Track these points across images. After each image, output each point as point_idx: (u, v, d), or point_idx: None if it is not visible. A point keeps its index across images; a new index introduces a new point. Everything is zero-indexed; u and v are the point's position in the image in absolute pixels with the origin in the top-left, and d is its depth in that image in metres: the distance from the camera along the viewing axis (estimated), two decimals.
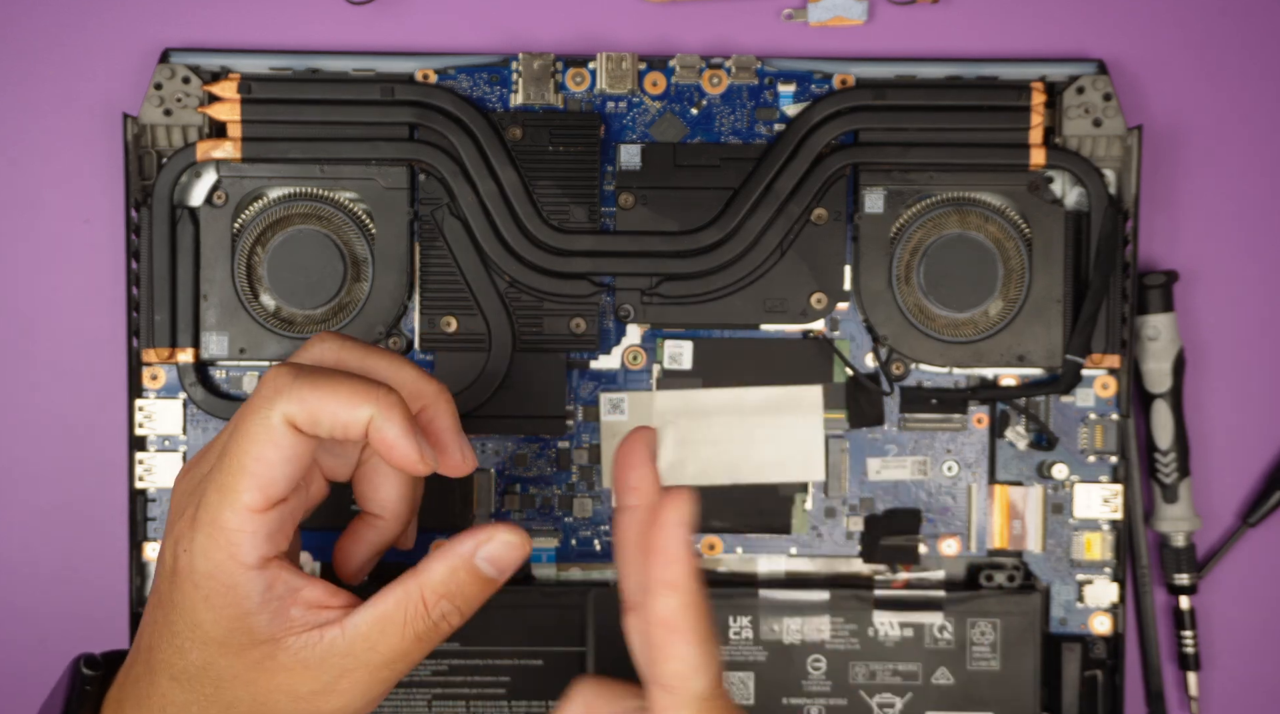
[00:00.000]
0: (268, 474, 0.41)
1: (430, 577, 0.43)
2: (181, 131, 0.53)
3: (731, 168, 0.54)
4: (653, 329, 0.54)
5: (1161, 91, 0.56)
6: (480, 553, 0.43)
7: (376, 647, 0.42)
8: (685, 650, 0.40)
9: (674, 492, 0.41)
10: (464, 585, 0.43)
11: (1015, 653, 0.54)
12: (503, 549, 0.43)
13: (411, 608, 0.43)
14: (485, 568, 0.43)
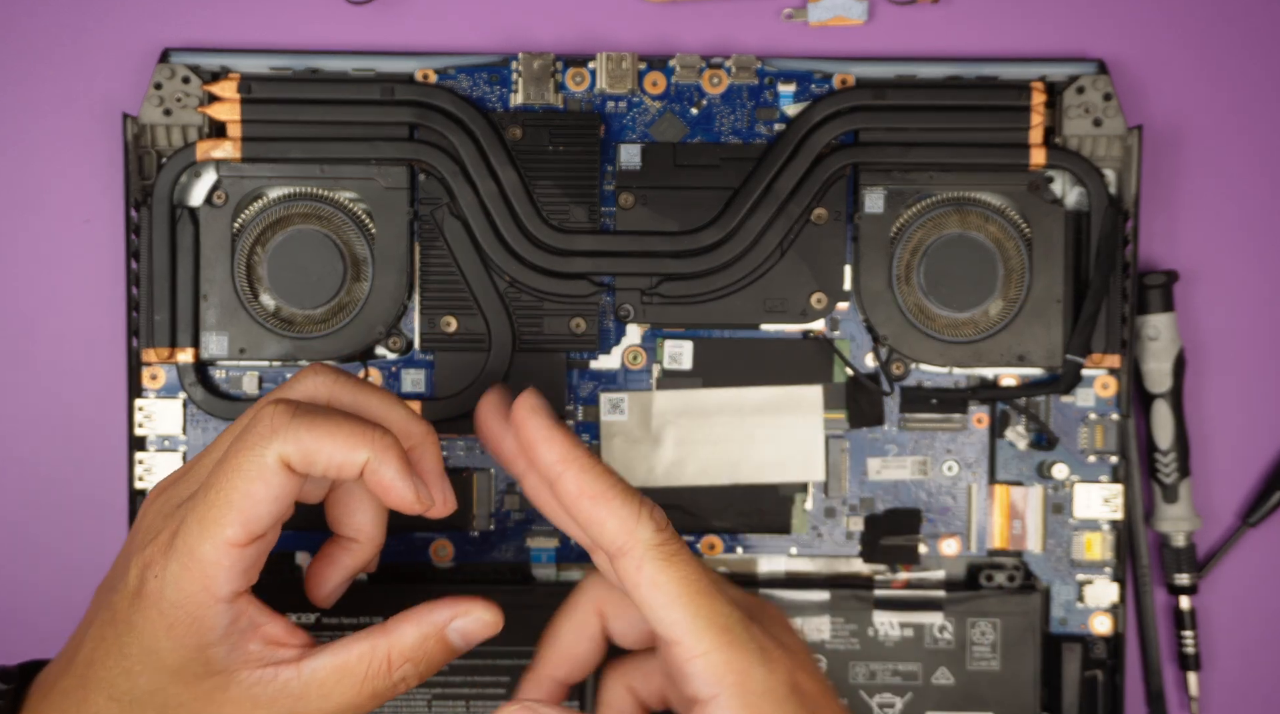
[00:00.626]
0: (253, 510, 0.41)
1: (400, 639, 0.43)
2: (181, 131, 0.53)
3: (731, 168, 0.54)
4: (653, 329, 0.54)
5: (1161, 91, 0.56)
6: (455, 625, 0.44)
7: (330, 695, 0.42)
8: (610, 508, 0.41)
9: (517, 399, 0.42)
10: (431, 653, 0.43)
11: (1015, 653, 0.54)
12: (477, 626, 0.44)
13: (375, 665, 0.43)
14: (456, 640, 0.44)
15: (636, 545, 0.41)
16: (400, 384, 0.54)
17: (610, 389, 0.54)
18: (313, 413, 0.42)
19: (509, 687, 0.53)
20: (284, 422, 0.41)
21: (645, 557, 0.41)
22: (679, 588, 0.41)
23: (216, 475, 0.41)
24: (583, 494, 0.41)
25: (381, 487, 0.42)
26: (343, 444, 0.42)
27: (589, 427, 0.54)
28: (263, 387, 0.54)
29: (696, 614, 0.41)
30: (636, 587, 0.41)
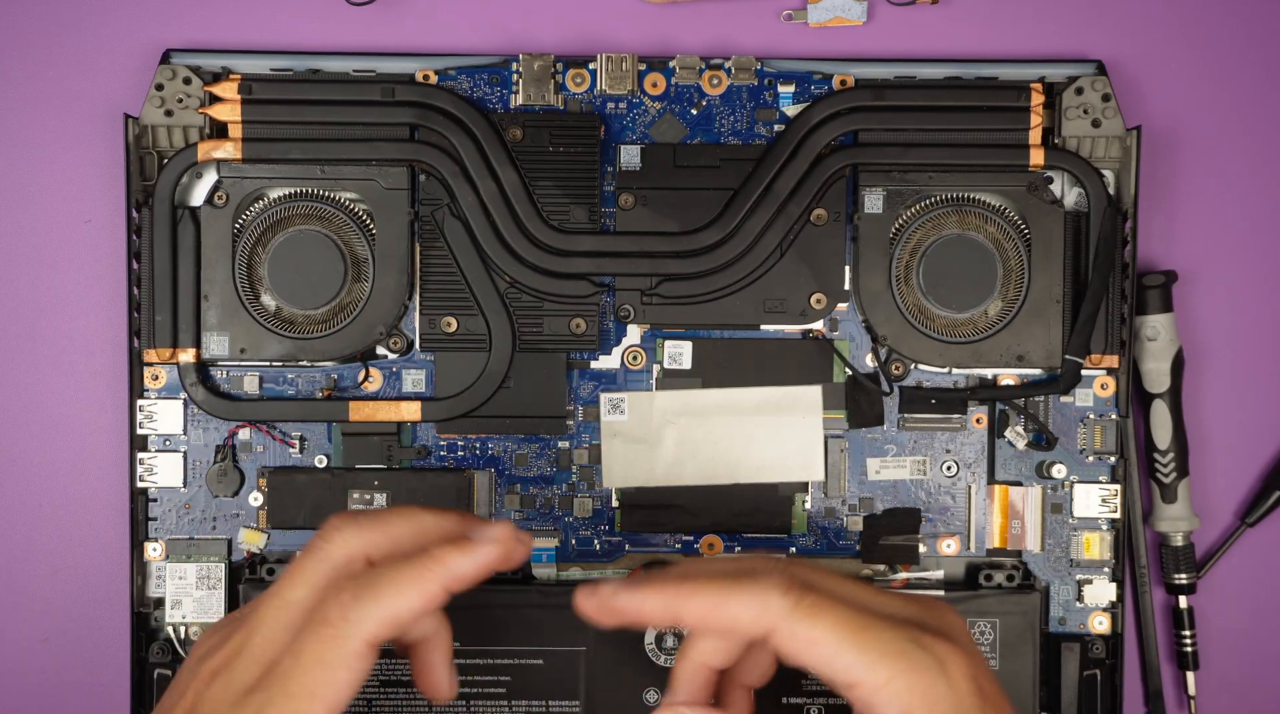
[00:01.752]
0: (338, 697, 0.41)
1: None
2: (182, 132, 0.53)
3: (731, 168, 0.54)
4: (653, 329, 0.54)
5: (1160, 92, 0.56)
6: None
7: None
8: (736, 606, 0.41)
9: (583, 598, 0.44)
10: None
11: (1014, 652, 0.54)
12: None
13: None
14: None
15: (778, 619, 0.41)
16: (401, 384, 0.54)
17: (610, 389, 0.55)
18: (376, 581, 0.42)
19: (509, 686, 0.53)
20: (353, 603, 0.42)
21: (792, 625, 0.41)
22: (837, 635, 0.41)
23: (295, 667, 0.41)
24: (707, 615, 0.42)
25: (470, 579, 0.43)
26: (415, 592, 0.42)
27: (589, 427, 0.54)
28: (263, 386, 0.54)
29: (865, 651, 0.41)
30: (799, 654, 0.41)
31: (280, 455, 0.54)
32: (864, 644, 0.41)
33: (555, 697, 0.53)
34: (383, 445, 0.54)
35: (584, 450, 0.55)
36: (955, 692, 0.41)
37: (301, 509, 0.54)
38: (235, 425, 0.54)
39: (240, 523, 0.54)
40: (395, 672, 0.53)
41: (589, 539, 0.55)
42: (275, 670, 0.42)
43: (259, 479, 0.54)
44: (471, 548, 0.43)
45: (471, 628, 0.53)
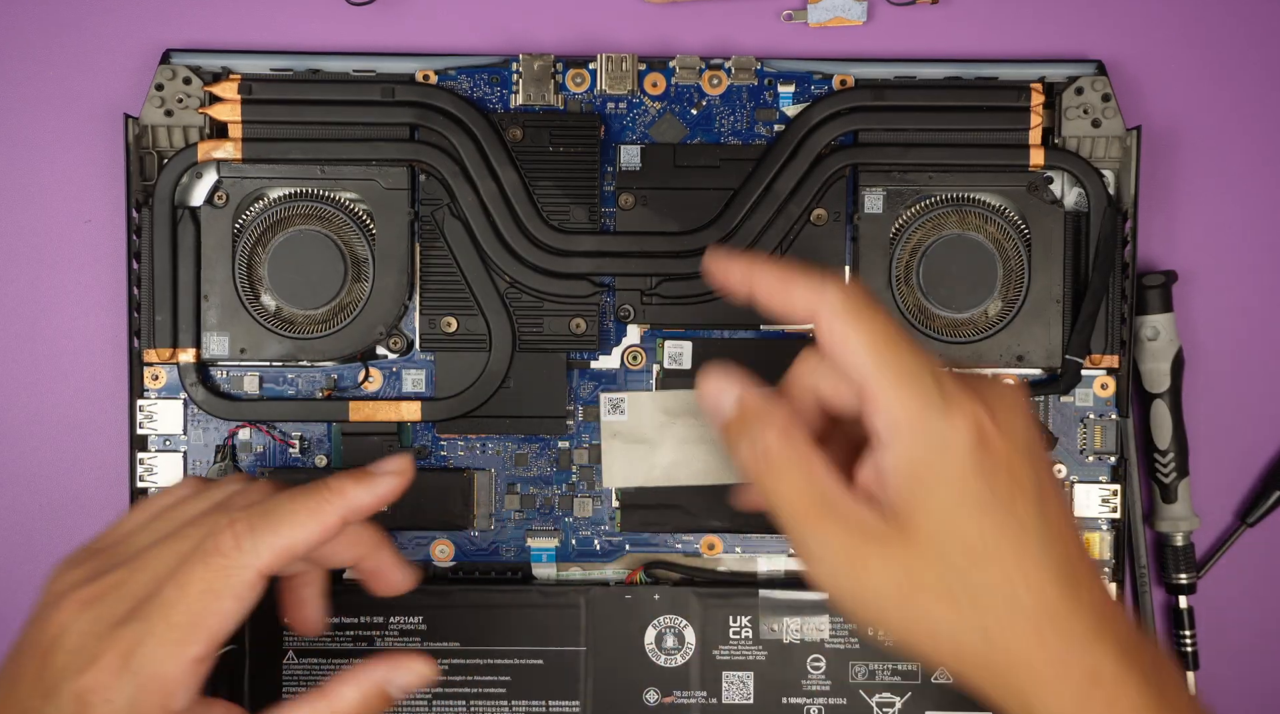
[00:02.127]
0: (223, 626, 0.41)
1: (342, 701, 0.44)
2: (183, 132, 0.53)
3: (731, 168, 0.54)
4: (652, 329, 0.54)
5: (1160, 92, 0.56)
6: (394, 682, 0.45)
7: None
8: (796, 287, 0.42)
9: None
10: (372, 708, 0.44)
11: None
12: (414, 680, 0.45)
13: None
14: (395, 694, 0.45)
15: (825, 308, 0.41)
16: (401, 384, 0.54)
17: (610, 389, 0.55)
18: (273, 511, 0.43)
19: (509, 686, 0.53)
20: (249, 533, 0.42)
21: (834, 316, 0.41)
22: (866, 339, 0.41)
23: (180, 597, 0.41)
24: (773, 290, 0.42)
25: (372, 509, 0.44)
26: (314, 522, 0.43)
27: (589, 427, 0.54)
28: (263, 386, 0.54)
29: (881, 361, 0.40)
30: (831, 347, 0.41)
31: (280, 455, 0.54)
32: (883, 355, 0.40)
33: (555, 697, 0.53)
34: (383, 445, 0.54)
35: (584, 450, 0.55)
36: (948, 430, 0.40)
37: None
38: (235, 425, 0.54)
39: None
40: None
41: (589, 539, 0.55)
42: (156, 599, 0.41)
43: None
44: (370, 479, 0.44)
45: (471, 628, 0.53)
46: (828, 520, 0.41)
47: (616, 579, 0.55)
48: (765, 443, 0.42)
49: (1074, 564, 0.41)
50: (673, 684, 0.54)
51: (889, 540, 0.41)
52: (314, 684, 0.53)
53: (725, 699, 0.54)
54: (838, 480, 0.42)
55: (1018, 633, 0.41)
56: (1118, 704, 0.41)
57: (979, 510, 0.40)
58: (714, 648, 0.54)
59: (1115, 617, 0.41)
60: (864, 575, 0.41)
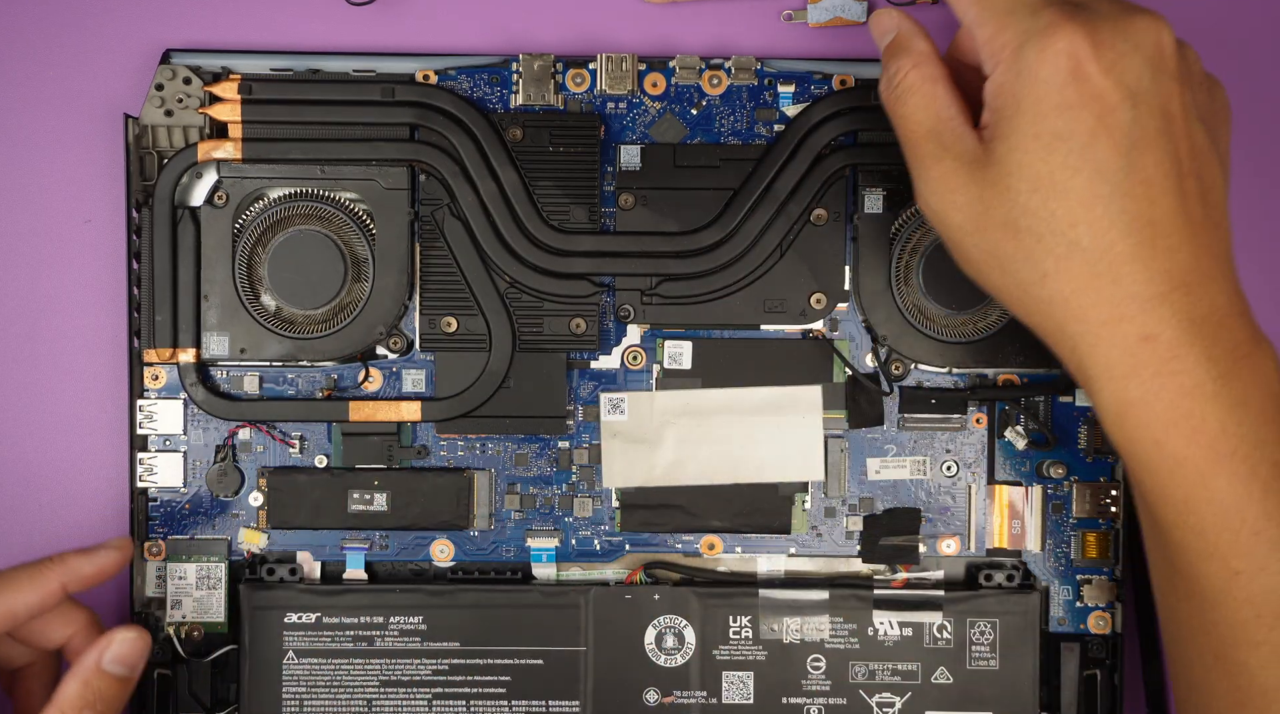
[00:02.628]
0: None
1: (67, 697, 0.45)
2: (183, 132, 0.53)
3: (731, 168, 0.54)
4: (653, 329, 0.54)
5: None
6: (105, 659, 0.46)
7: None
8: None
9: None
10: (100, 691, 0.46)
11: (1014, 652, 0.54)
12: (124, 647, 0.47)
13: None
14: (115, 669, 0.46)
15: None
16: (400, 384, 0.54)
17: (610, 389, 0.55)
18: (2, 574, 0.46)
19: (509, 686, 0.53)
20: None
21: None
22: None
23: None
24: None
25: (92, 579, 0.48)
26: (33, 587, 0.46)
27: (589, 427, 0.54)
28: (263, 386, 0.54)
29: (982, 3, 0.41)
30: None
31: (280, 455, 0.54)
32: (988, 2, 0.41)
33: (555, 697, 0.53)
34: (383, 445, 0.54)
35: (584, 450, 0.55)
36: (1040, 60, 0.40)
37: (301, 509, 0.54)
38: (235, 425, 0.54)
39: (240, 523, 0.54)
40: (395, 671, 0.53)
41: (589, 539, 0.55)
42: None
43: (259, 479, 0.54)
44: (91, 552, 0.47)
45: (471, 628, 0.53)
46: (932, 144, 0.43)
47: (616, 579, 0.55)
48: (900, 70, 0.44)
49: (1157, 222, 0.40)
50: (673, 684, 0.54)
51: (977, 167, 0.41)
52: (314, 685, 0.53)
53: (725, 699, 0.54)
54: (958, 112, 0.43)
55: (1074, 276, 0.40)
56: (1171, 371, 0.40)
57: (1053, 144, 0.40)
58: (714, 648, 0.54)
59: (1195, 290, 0.40)
60: (951, 199, 0.42)
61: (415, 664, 0.53)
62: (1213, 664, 0.42)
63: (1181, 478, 0.41)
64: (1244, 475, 0.40)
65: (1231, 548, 0.40)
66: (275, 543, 0.54)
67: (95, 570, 0.48)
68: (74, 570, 0.47)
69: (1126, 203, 0.40)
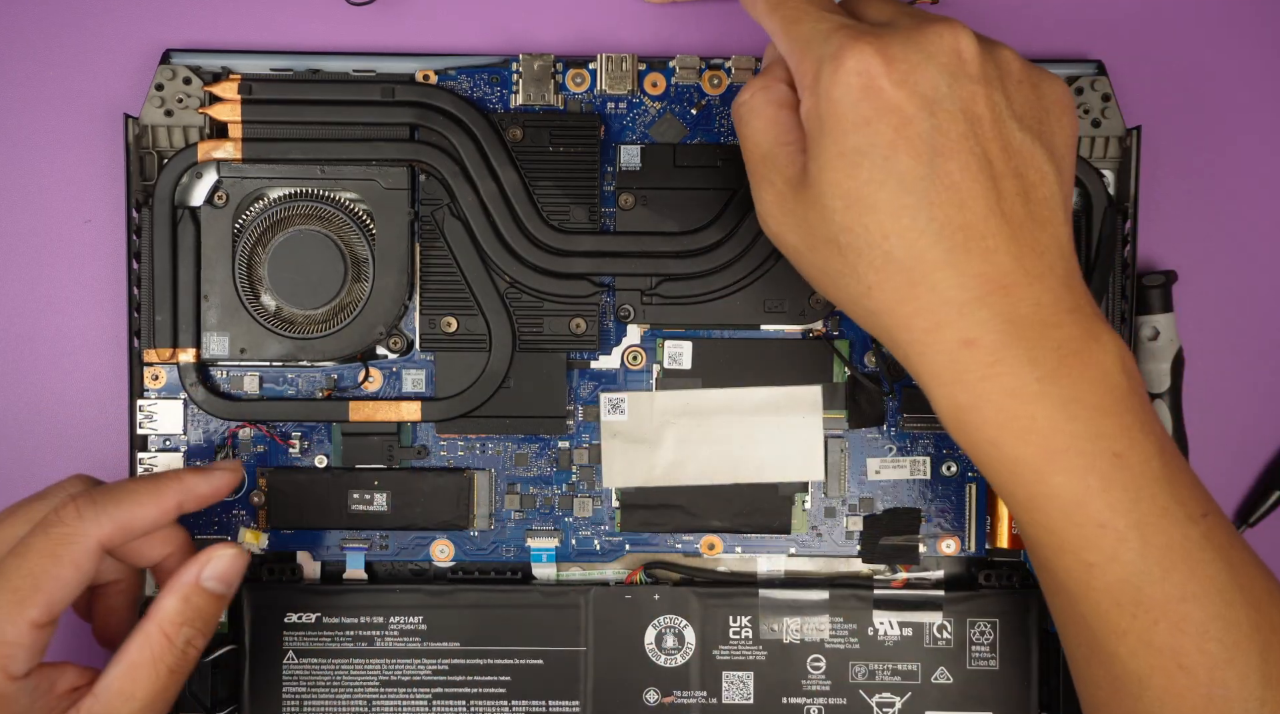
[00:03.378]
0: (61, 593, 0.43)
1: (165, 612, 0.45)
2: (183, 132, 0.53)
3: (731, 168, 0.54)
4: (652, 329, 0.54)
5: (1160, 92, 0.56)
6: (205, 575, 0.46)
7: (133, 693, 0.44)
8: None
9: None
10: (199, 608, 0.46)
11: (1014, 652, 0.54)
12: (223, 564, 0.47)
13: (156, 647, 0.45)
14: (214, 586, 0.46)
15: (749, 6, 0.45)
16: (400, 384, 0.54)
17: (610, 389, 0.55)
18: (112, 489, 0.45)
19: (509, 686, 0.53)
20: (90, 505, 0.44)
21: (761, 10, 0.45)
22: (777, 25, 0.44)
23: (21, 563, 0.43)
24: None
25: (207, 499, 0.47)
26: (152, 502, 0.45)
27: (589, 427, 0.54)
28: (263, 386, 0.54)
29: (787, 35, 0.43)
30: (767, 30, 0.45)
31: (280, 455, 0.54)
32: (790, 33, 0.43)
33: (555, 697, 0.53)
34: (383, 445, 0.54)
35: (584, 450, 0.55)
36: (833, 79, 0.41)
37: (301, 509, 0.54)
38: (235, 425, 0.54)
39: (240, 523, 0.54)
40: (395, 672, 0.53)
41: (589, 539, 0.55)
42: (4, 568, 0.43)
43: (259, 479, 0.54)
44: (207, 471, 0.47)
45: (471, 628, 0.53)
46: (767, 167, 0.44)
47: (616, 579, 0.55)
48: (749, 91, 0.45)
49: (969, 226, 0.40)
50: (673, 684, 0.54)
51: (801, 187, 0.43)
52: (314, 685, 0.53)
53: (725, 699, 0.54)
54: (796, 138, 0.44)
55: (894, 287, 0.41)
56: (995, 375, 0.40)
57: (856, 160, 0.41)
58: (714, 648, 0.54)
59: (1016, 291, 0.41)
60: (783, 221, 0.44)
61: (415, 664, 0.53)
62: (1089, 655, 0.43)
63: (1021, 477, 0.41)
64: (1080, 470, 0.40)
65: (1080, 542, 0.41)
66: (275, 543, 0.54)
67: (211, 491, 0.47)
68: (191, 490, 0.47)
69: (934, 210, 0.40)
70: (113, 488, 0.45)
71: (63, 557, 0.43)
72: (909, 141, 0.40)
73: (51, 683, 0.44)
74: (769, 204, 0.45)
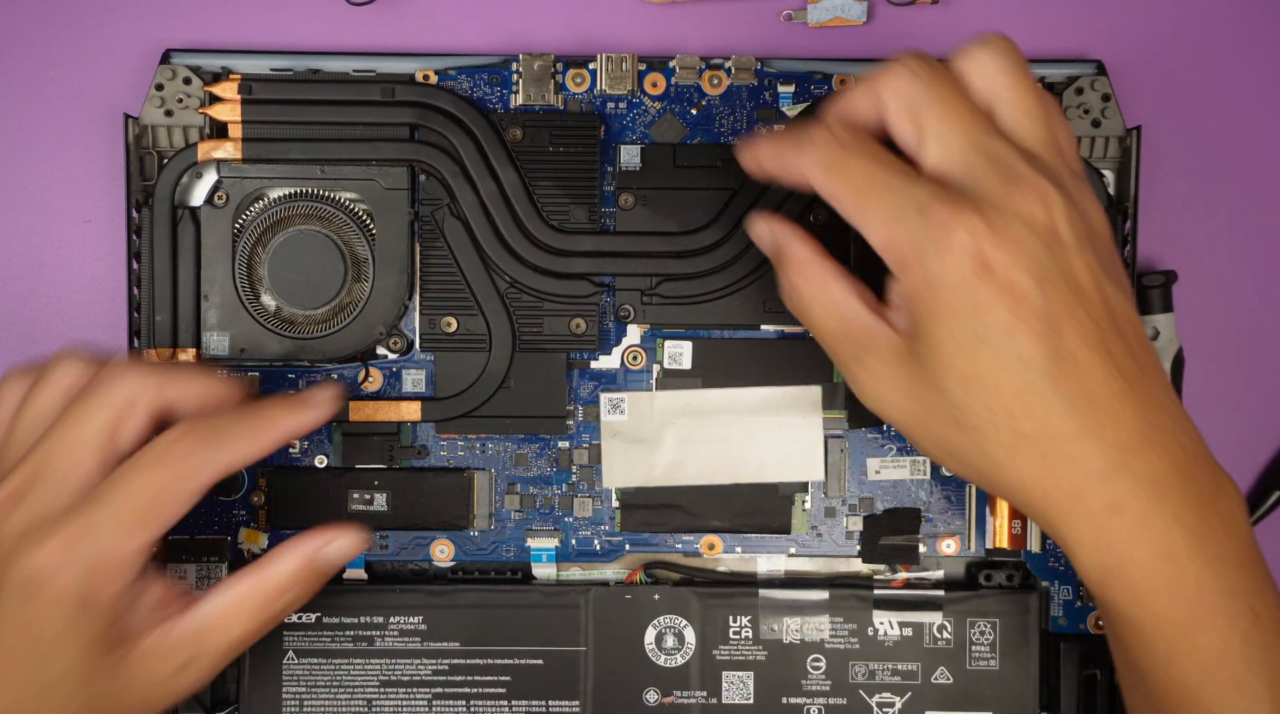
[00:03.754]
0: (166, 525, 0.44)
1: (279, 571, 0.46)
2: (183, 132, 0.53)
3: (731, 168, 0.54)
4: (652, 329, 0.54)
5: (1160, 92, 0.56)
6: (327, 549, 0.47)
7: (229, 628, 0.45)
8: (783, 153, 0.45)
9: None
10: (308, 580, 0.47)
11: (1014, 652, 0.54)
12: (347, 547, 0.47)
13: (262, 596, 0.46)
14: (329, 563, 0.47)
15: (808, 167, 0.43)
16: (401, 384, 0.54)
17: (610, 389, 0.55)
18: (221, 430, 0.45)
19: (509, 686, 0.53)
20: (200, 446, 0.44)
21: (815, 176, 0.43)
22: (847, 195, 0.42)
23: (125, 495, 0.43)
24: (771, 170, 0.45)
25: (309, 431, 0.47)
26: (253, 445, 0.45)
27: (589, 427, 0.54)
28: (263, 386, 0.54)
29: (865, 213, 0.42)
30: (828, 201, 0.43)
31: (280, 455, 0.54)
32: (864, 209, 0.42)
33: (555, 697, 0.53)
34: (383, 445, 0.54)
35: (584, 450, 0.55)
36: (942, 267, 0.40)
37: (301, 509, 0.54)
38: None
39: (240, 523, 0.54)
40: (395, 672, 0.53)
41: (589, 539, 0.55)
42: (97, 497, 0.43)
43: (259, 479, 0.54)
44: (304, 407, 0.47)
45: (471, 628, 0.53)
46: (849, 345, 0.44)
47: (616, 579, 0.55)
48: (790, 284, 0.45)
49: (1095, 395, 0.40)
50: (673, 684, 0.54)
51: (903, 364, 0.42)
52: (314, 685, 0.53)
53: (725, 699, 0.54)
54: (862, 307, 0.43)
55: (1028, 463, 0.41)
56: (1144, 538, 0.40)
57: (975, 345, 0.40)
58: (714, 648, 0.54)
59: (1151, 450, 0.40)
60: (887, 397, 0.43)
61: (415, 664, 0.53)
62: None
63: (1164, 635, 0.41)
64: (1224, 628, 0.41)
65: (1216, 700, 0.41)
66: (275, 543, 0.54)
67: (314, 423, 0.47)
68: (291, 429, 0.47)
69: (1060, 386, 0.40)
70: (222, 429, 0.45)
71: (171, 497, 0.43)
72: (1026, 322, 0.40)
73: (148, 590, 0.44)
74: (866, 382, 0.44)
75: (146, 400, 0.45)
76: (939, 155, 0.42)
